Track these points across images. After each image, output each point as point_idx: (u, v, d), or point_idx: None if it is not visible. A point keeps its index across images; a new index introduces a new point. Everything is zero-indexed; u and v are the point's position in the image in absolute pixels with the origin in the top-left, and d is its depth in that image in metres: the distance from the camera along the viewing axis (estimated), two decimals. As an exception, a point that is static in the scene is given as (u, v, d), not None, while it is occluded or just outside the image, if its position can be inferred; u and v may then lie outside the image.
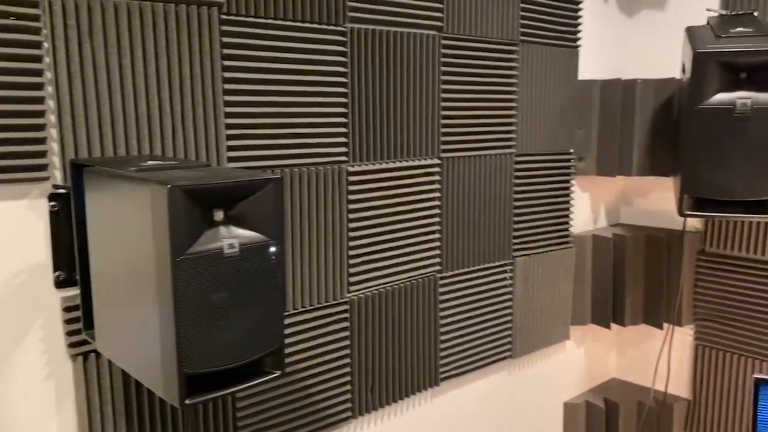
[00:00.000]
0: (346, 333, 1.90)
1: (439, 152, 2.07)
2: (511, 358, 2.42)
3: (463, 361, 2.25)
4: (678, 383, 2.71)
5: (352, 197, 1.86)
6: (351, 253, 1.88)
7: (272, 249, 1.09)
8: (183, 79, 1.52)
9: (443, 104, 2.07)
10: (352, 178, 1.85)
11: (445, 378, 2.20)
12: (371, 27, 1.85)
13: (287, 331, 1.77)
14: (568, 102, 2.48)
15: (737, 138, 2.03)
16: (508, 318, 2.38)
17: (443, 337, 2.17)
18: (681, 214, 2.18)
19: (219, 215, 1.06)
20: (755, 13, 2.23)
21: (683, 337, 2.68)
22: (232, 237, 1.06)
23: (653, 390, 2.62)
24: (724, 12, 2.30)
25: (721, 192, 2.08)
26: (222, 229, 1.07)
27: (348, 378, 1.92)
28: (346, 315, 1.89)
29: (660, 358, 2.63)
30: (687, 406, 2.69)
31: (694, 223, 2.58)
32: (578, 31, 2.49)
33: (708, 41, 2.04)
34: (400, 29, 1.92)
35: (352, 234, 1.88)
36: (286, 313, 1.76)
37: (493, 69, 2.20)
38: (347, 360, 1.91)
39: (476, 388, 2.36)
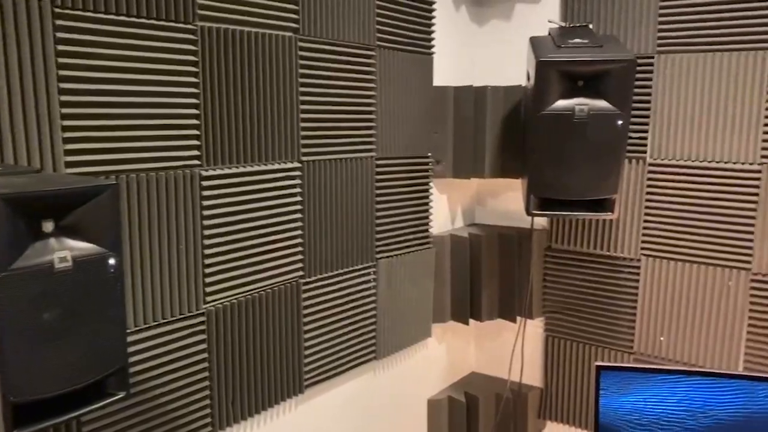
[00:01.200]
0: (204, 346, 1.82)
1: (299, 156, 2.05)
2: (376, 359, 2.44)
3: (328, 366, 2.24)
4: (531, 373, 2.86)
5: (206, 203, 1.79)
6: (207, 261, 1.80)
7: (110, 261, 1.01)
8: (11, 76, 1.38)
9: (302, 107, 2.04)
10: (205, 183, 1.78)
11: (310, 384, 2.17)
12: (224, 26, 1.79)
13: (137, 347, 1.66)
14: (424, 107, 2.54)
15: (577, 142, 2.18)
16: (373, 320, 2.40)
17: (307, 344, 2.14)
18: (528, 213, 2.31)
19: (48, 226, 0.97)
20: (590, 26, 2.41)
21: (535, 329, 2.84)
22: (64, 249, 0.97)
23: (509, 381, 2.75)
24: (563, 24, 2.47)
25: (564, 192, 2.23)
26: (52, 241, 0.97)
27: (207, 392, 1.84)
28: (203, 327, 1.81)
29: (514, 350, 2.78)
30: (540, 395, 2.86)
31: (541, 221, 2.74)
32: (432, 38, 2.56)
33: (549, 51, 2.17)
34: (254, 29, 1.87)
35: (207, 242, 1.80)
36: (135, 329, 1.65)
37: (352, 73, 2.21)
38: (206, 374, 1.83)
39: (341, 392, 2.35)
